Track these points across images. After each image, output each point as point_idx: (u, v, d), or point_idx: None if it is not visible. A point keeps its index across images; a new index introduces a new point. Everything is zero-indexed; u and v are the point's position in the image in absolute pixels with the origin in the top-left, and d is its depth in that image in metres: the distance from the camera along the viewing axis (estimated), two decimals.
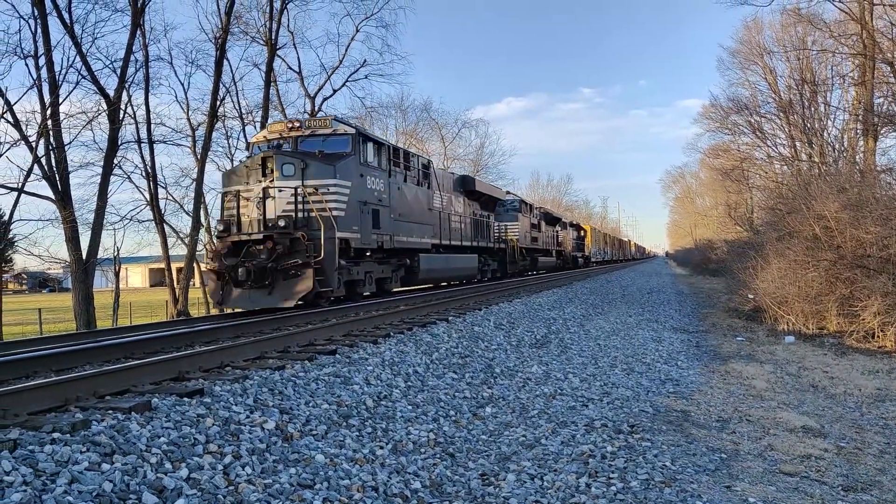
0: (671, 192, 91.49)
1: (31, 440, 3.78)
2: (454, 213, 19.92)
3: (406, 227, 15.46)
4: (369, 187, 13.48)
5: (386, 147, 14.80)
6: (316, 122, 13.59)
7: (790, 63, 31.08)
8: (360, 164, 13.17)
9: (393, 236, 14.51)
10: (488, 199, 24.08)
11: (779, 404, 7.81)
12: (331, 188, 12.05)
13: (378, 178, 13.95)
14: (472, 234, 21.60)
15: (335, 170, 12.22)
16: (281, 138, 13.38)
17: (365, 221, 13.17)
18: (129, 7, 22.10)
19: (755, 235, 24.52)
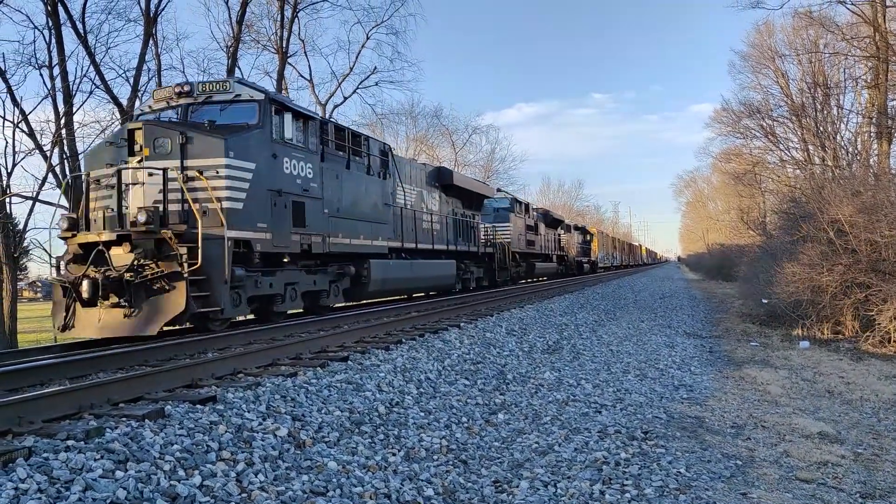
0: (683, 196, 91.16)
1: (46, 447, 3.80)
2: (425, 212, 17.10)
3: (349, 227, 12.48)
4: (288, 172, 10.53)
5: (316, 122, 11.61)
6: (212, 86, 10.41)
7: (802, 66, 30.92)
8: (273, 140, 10.22)
9: (328, 237, 11.69)
10: (472, 197, 21.24)
11: (794, 410, 7.73)
12: (221, 171, 9.20)
13: (304, 162, 10.98)
14: (450, 237, 18.76)
15: (228, 145, 9.27)
16: (168, 107, 10.42)
17: (280, 217, 10.28)
18: (142, 17, 22.31)
19: (768, 240, 24.34)
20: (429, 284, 17.41)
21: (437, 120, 47.71)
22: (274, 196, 10.18)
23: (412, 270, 15.53)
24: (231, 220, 9.17)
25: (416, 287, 16.89)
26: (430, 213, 17.58)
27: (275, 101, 10.48)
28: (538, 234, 30.38)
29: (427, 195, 17.50)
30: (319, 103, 31.24)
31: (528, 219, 28.60)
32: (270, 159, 10.15)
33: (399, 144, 43.37)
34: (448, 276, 17.91)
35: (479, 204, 22.15)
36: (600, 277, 38.92)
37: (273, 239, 10.16)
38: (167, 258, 8.62)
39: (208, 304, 8.90)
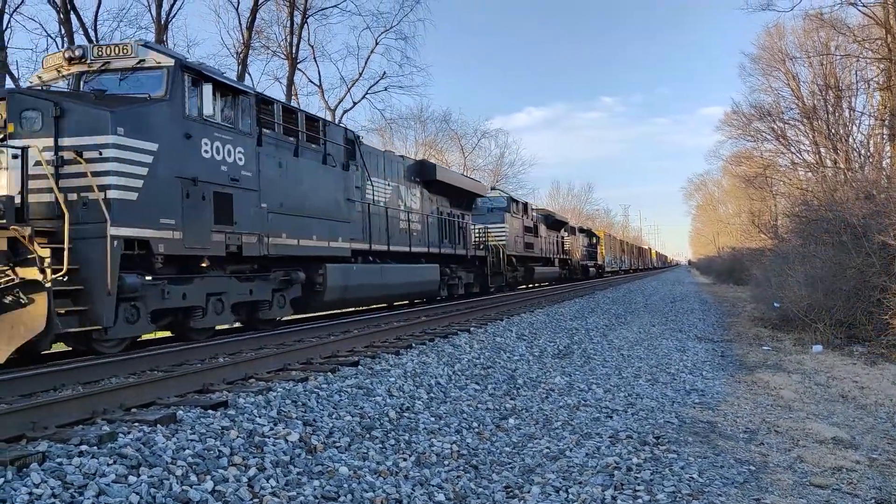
0: (693, 200, 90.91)
1: (60, 452, 3.82)
2: (403, 210, 15.34)
3: (297, 225, 10.75)
4: (209, 157, 8.86)
5: (250, 99, 9.91)
6: (110, 50, 8.62)
7: (813, 68, 30.79)
8: (187, 117, 8.56)
9: (266, 237, 9.94)
10: (461, 195, 19.36)
11: (808, 415, 7.67)
12: (106, 151, 7.49)
13: (232, 146, 9.30)
14: (433, 238, 16.91)
15: (116, 120, 7.56)
16: (60, 77, 8.76)
17: (196, 211, 8.56)
18: (153, 24, 22.51)
19: (780, 243, 24.21)
20: (406, 292, 15.41)
21: (446, 124, 47.89)
22: (187, 185, 8.40)
23: (383, 276, 13.68)
24: (119, 213, 7.44)
25: (389, 295, 14.87)
26: (409, 212, 15.74)
27: (190, 69, 8.77)
28: (538, 236, 28.71)
29: (406, 191, 15.68)
30: (329, 108, 31.39)
31: (526, 220, 26.95)
32: (182, 140, 8.41)
33: (408, 149, 43.47)
34: (430, 281, 16.02)
35: (468, 203, 20.40)
36: (609, 281, 38.22)
37: (185, 239, 8.36)
38: (25, 263, 6.92)
39: (87, 320, 7.18)
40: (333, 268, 11.73)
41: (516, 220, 25.27)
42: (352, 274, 12.38)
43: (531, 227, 27.61)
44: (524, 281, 26.70)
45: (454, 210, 18.89)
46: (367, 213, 13.55)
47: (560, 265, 33.66)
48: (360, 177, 13.43)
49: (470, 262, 20.03)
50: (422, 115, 45.86)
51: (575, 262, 38.35)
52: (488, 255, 21.38)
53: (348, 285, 12.20)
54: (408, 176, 16.07)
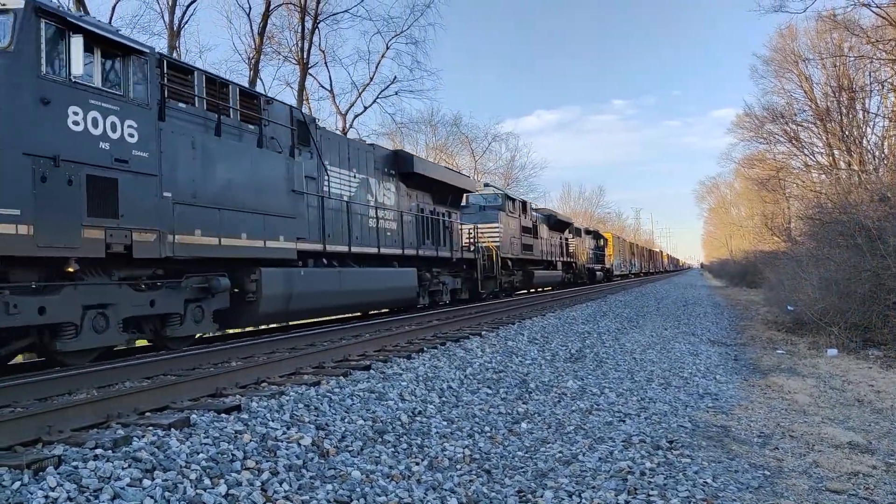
0: (705, 202, 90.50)
1: (75, 456, 3.85)
2: (372, 206, 13.61)
3: (219, 220, 8.96)
4: (79, 130, 7.07)
5: (148, 60, 8.09)
6: None
7: (826, 70, 30.57)
8: (42, 76, 6.81)
9: (170, 234, 8.17)
10: (446, 190, 17.48)
11: (823, 419, 7.60)
12: None
13: (120, 118, 7.53)
14: (411, 239, 15.08)
15: None
16: None
17: (56, 199, 6.78)
18: (166, 31, 22.68)
19: (793, 246, 24.03)
20: (375, 300, 13.27)
21: (457, 128, 47.92)
22: (41, 165, 6.62)
23: (342, 282, 11.64)
24: None
25: (352, 304, 12.72)
26: (381, 208, 13.83)
27: (50, 14, 6.91)
28: (538, 237, 26.79)
29: (377, 185, 13.84)
30: (340, 113, 31.51)
31: (524, 219, 25.01)
32: (34, 106, 6.64)
33: (419, 153, 43.53)
34: (405, 287, 14.01)
35: (455, 199, 18.53)
36: (620, 285, 37.75)
37: (38, 235, 6.54)
38: None
39: None
40: (271, 272, 9.77)
41: (513, 219, 23.47)
42: (297, 280, 10.28)
43: (530, 227, 25.70)
44: (522, 286, 25.06)
45: (438, 207, 17.00)
46: (322, 209, 11.63)
47: (564, 269, 31.81)
48: (316, 166, 11.51)
49: (457, 266, 18.07)
50: (432, 119, 45.94)
51: (580, 265, 36.28)
52: (478, 258, 19.42)
53: (293, 293, 10.16)
54: (380, 168, 14.17)
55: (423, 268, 15.64)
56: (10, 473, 3.56)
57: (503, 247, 21.64)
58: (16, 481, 3.44)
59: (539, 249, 26.82)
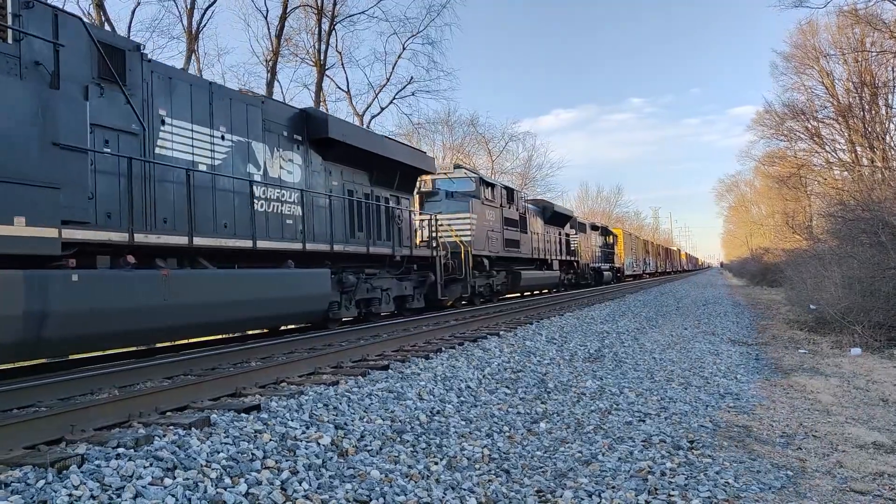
0: (725, 201, 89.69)
1: (98, 455, 3.89)
2: (260, 182, 9.92)
3: None
4: None
5: None
6: None
7: (848, 65, 30.20)
8: None
9: None
10: (390, 168, 13.68)
11: (847, 419, 7.49)
12: None
13: None
14: (323, 229, 11.36)
15: None
16: None
17: None
18: (185, 34, 22.90)
19: (815, 244, 23.74)
20: (240, 317, 8.87)
21: (474, 128, 47.83)
22: None
23: (169, 293, 7.57)
24: None
25: (193, 325, 8.23)
26: (270, 186, 10.08)
27: None
28: (528, 231, 22.95)
29: (269, 154, 10.14)
30: (357, 114, 31.61)
31: (509, 210, 21.18)
32: None
33: (435, 153, 43.54)
34: (307, 298, 10.03)
35: (407, 182, 14.78)
36: (636, 285, 36.69)
37: None
38: None
39: None
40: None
41: (491, 209, 19.56)
42: (59, 291, 6.37)
43: (517, 219, 21.85)
44: (506, 289, 21.23)
45: (379, 190, 13.43)
46: (147, 179, 8.12)
47: (562, 268, 27.87)
48: (132, 114, 7.86)
49: (397, 266, 13.86)
50: (449, 120, 45.94)
51: (584, 264, 32.25)
52: (438, 256, 15.44)
53: (47, 313, 6.20)
54: (276, 131, 10.44)
55: (351, 268, 12.00)
56: (34, 472, 3.61)
57: (476, 242, 17.88)
58: (40, 479, 3.49)
59: (530, 246, 23.07)
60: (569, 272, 29.52)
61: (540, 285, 25.32)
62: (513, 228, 21.40)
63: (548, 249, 25.72)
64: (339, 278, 11.59)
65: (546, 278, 25.18)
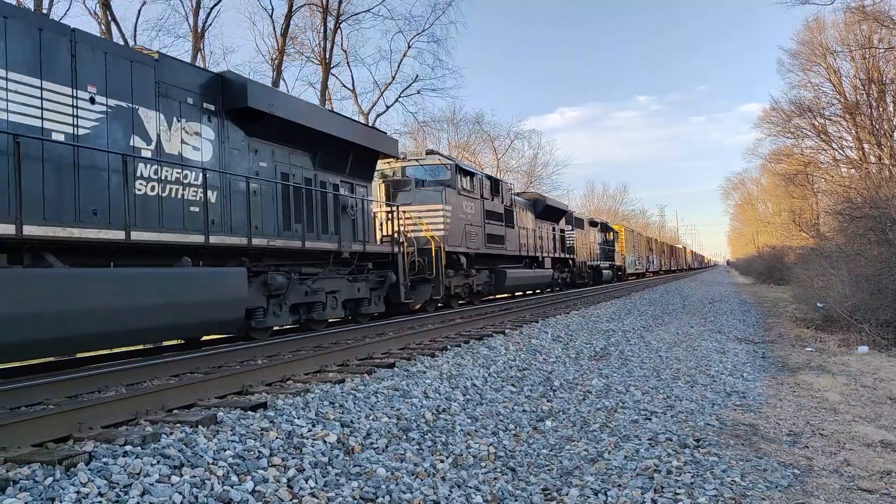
0: (731, 199, 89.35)
1: (105, 452, 3.91)
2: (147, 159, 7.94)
3: None
4: None
5: None
6: None
7: (855, 62, 30.05)
8: None
9: None
10: (342, 150, 11.83)
11: (854, 417, 7.47)
12: None
13: None
14: (269, 220, 9.91)
15: None
16: None
17: None
18: (191, 33, 22.93)
19: (822, 242, 23.64)
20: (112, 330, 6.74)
21: (479, 126, 47.76)
22: None
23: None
24: None
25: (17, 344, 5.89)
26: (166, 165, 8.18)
27: None
28: (516, 226, 20.94)
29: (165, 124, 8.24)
30: (362, 112, 31.61)
31: (492, 202, 18.97)
32: None
33: (440, 150, 43.51)
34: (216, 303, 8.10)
35: (364, 167, 12.69)
36: (641, 284, 36.45)
37: None
38: None
39: None
40: None
41: (470, 201, 17.30)
42: None
43: (501, 213, 19.67)
44: (490, 290, 18.92)
45: (327, 175, 11.55)
46: None
47: (556, 266, 25.78)
48: None
49: (358, 264, 12.15)
50: (454, 118, 45.88)
51: (580, 262, 30.18)
52: (401, 252, 13.39)
53: None
54: (175, 96, 8.52)
55: (284, 267, 10.19)
56: (42, 469, 3.63)
57: (451, 237, 15.76)
58: (48, 477, 3.51)
59: (517, 242, 20.92)
60: (563, 271, 27.32)
61: (529, 285, 22.81)
62: (496, 222, 19.15)
63: (539, 246, 23.53)
64: (264, 279, 9.60)
65: (536, 277, 22.65)
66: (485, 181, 18.87)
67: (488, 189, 18.93)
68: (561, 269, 26.94)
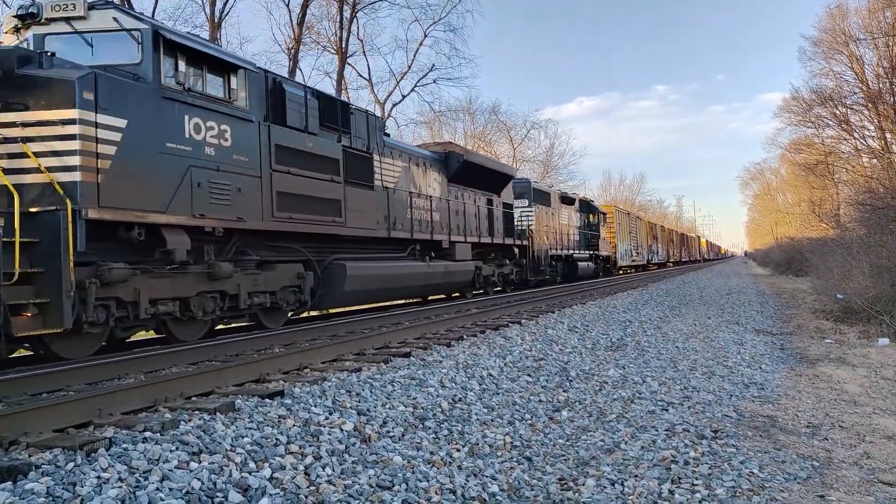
0: (749, 189, 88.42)
1: (125, 439, 3.95)
2: None
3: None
4: None
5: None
6: None
7: (878, 50, 29.52)
8: None
9: None
10: None
11: (874, 410, 7.38)
12: None
13: None
14: None
15: None
16: None
17: None
18: (207, 23, 23.01)
19: (843, 233, 23.33)
20: None
21: (495, 116, 47.52)
22: None
23: None
24: None
25: None
26: None
27: None
28: (378, 186, 12.38)
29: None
30: (378, 102, 31.60)
31: (304, 133, 10.34)
32: None
33: (457, 141, 43.39)
34: None
35: None
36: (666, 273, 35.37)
37: None
38: None
39: None
40: None
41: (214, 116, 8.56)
42: None
43: (335, 157, 10.98)
44: (297, 305, 10.45)
45: None
46: None
47: (490, 257, 17.91)
48: None
49: None
50: (471, 107, 45.69)
51: (541, 250, 21.85)
52: None
53: None
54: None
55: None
56: (64, 454, 3.67)
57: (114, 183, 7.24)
58: (69, 462, 3.55)
59: (383, 214, 12.53)
60: (505, 263, 18.94)
61: (403, 288, 13.48)
62: (313, 173, 10.35)
63: (451, 225, 15.55)
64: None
65: (423, 276, 13.73)
66: (296, 92, 10.46)
67: (303, 107, 10.44)
68: (500, 261, 18.63)
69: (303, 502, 3.67)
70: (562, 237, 25.31)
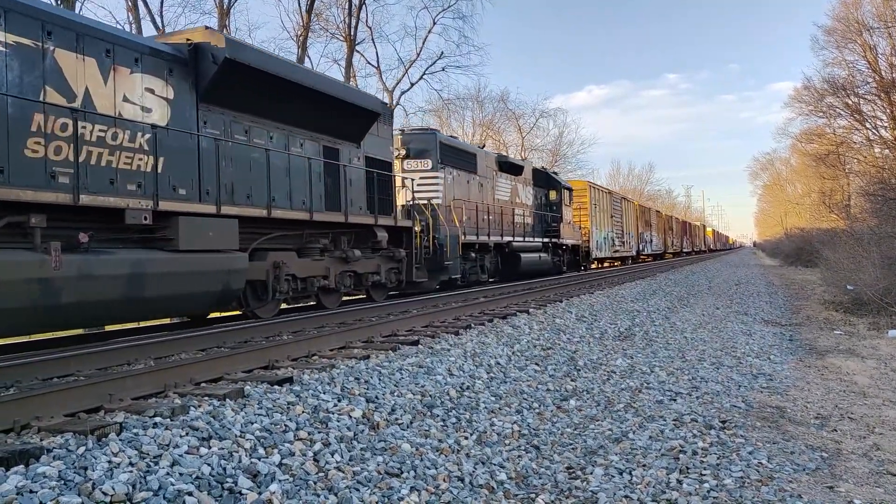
0: (759, 179, 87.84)
1: (136, 424, 3.98)
2: None
3: None
4: None
5: None
6: None
7: (892, 39, 29.16)
8: None
9: None
10: None
11: (884, 401, 7.35)
12: None
13: None
14: None
15: None
16: None
17: None
18: (216, 10, 22.95)
19: (853, 224, 23.16)
20: None
21: (504, 104, 47.22)
22: None
23: None
24: None
25: None
26: None
27: None
28: None
29: None
30: (387, 90, 31.49)
31: None
32: None
33: (465, 129, 43.25)
34: None
35: None
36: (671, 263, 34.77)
37: None
38: None
39: None
40: None
41: None
42: None
43: None
44: None
45: None
46: None
47: (309, 247, 10.66)
48: None
49: None
50: (479, 95, 45.38)
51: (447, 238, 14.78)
52: None
53: None
54: None
55: None
56: (75, 439, 3.70)
57: None
58: (81, 446, 3.57)
59: None
60: (365, 255, 11.97)
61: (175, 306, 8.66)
62: None
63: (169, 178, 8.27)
64: None
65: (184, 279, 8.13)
66: None
67: None
68: (348, 253, 11.53)
69: (312, 488, 3.69)
70: (497, 218, 18.59)
